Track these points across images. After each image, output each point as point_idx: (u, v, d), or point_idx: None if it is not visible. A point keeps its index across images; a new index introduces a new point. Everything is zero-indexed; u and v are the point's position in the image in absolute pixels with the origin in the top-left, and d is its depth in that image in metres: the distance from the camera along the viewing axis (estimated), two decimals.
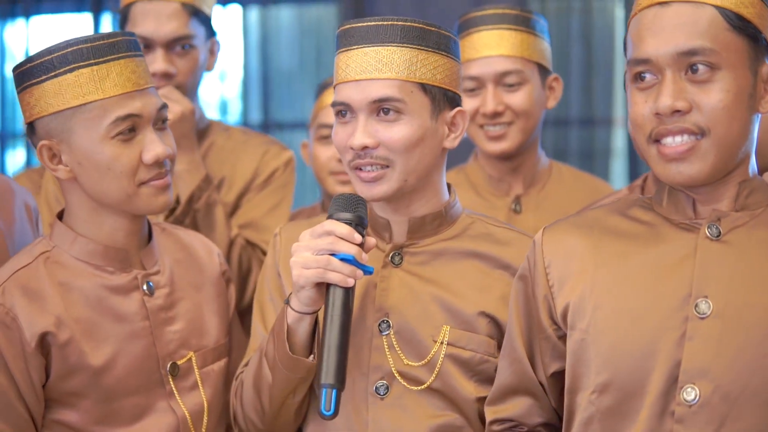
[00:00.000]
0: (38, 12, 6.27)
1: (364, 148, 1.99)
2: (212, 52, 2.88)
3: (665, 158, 1.77)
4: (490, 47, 2.73)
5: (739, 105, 1.74)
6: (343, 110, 2.03)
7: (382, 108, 1.99)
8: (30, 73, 2.03)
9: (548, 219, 2.76)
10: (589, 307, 1.83)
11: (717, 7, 1.74)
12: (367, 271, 1.93)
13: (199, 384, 2.14)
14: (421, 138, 2.01)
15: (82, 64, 2.00)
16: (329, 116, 2.94)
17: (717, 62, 1.73)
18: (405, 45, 1.99)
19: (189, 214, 2.67)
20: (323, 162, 3.01)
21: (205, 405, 2.14)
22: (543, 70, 2.81)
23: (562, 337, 1.90)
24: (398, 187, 2.02)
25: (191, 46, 2.78)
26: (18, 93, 2.07)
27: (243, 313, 2.44)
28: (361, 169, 2.02)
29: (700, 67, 1.74)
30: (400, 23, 1.99)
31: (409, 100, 1.99)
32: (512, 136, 2.77)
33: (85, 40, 2.01)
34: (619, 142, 5.64)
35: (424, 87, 2.01)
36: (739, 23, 1.74)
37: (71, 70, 2.00)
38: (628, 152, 5.43)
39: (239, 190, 2.85)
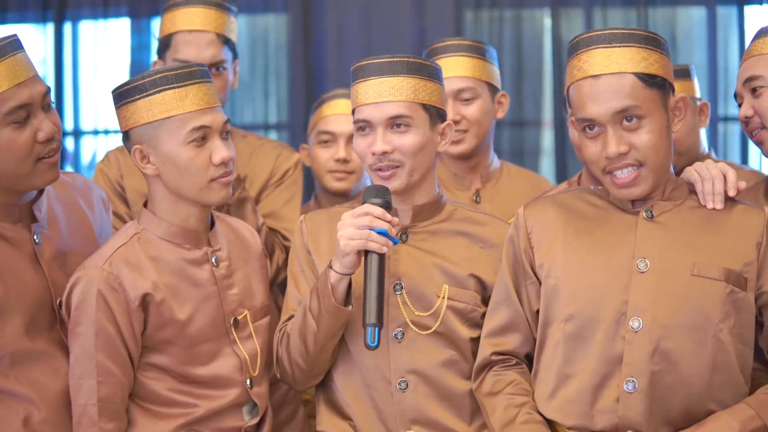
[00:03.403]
0: (3, 22, 6.53)
1: (384, 153, 2.56)
2: (235, 72, 3.34)
3: (617, 185, 2.43)
4: (450, 70, 3.28)
5: (662, 138, 2.40)
6: (363, 126, 2.60)
7: (395, 122, 2.57)
8: (126, 93, 2.53)
9: (502, 208, 3.33)
10: (560, 264, 2.46)
11: (634, 73, 2.37)
12: (395, 242, 2.48)
13: (253, 335, 2.67)
14: (424, 144, 2.60)
15: (167, 87, 2.49)
16: (328, 125, 3.57)
17: (641, 113, 2.38)
18: (410, 75, 2.57)
19: (222, 208, 3.08)
20: (323, 162, 3.60)
21: (259, 350, 2.67)
22: (492, 88, 3.39)
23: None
24: (407, 182, 2.60)
25: (224, 69, 3.26)
26: (116, 109, 2.56)
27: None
28: (380, 170, 2.59)
29: (631, 118, 2.37)
30: (405, 59, 2.57)
31: (415, 116, 2.58)
32: (468, 140, 3.35)
33: (170, 69, 2.51)
34: (547, 142, 5.79)
35: (425, 106, 2.60)
36: (650, 80, 2.37)
37: (159, 92, 2.49)
38: (555, 151, 5.62)
39: (259, 186, 3.34)
